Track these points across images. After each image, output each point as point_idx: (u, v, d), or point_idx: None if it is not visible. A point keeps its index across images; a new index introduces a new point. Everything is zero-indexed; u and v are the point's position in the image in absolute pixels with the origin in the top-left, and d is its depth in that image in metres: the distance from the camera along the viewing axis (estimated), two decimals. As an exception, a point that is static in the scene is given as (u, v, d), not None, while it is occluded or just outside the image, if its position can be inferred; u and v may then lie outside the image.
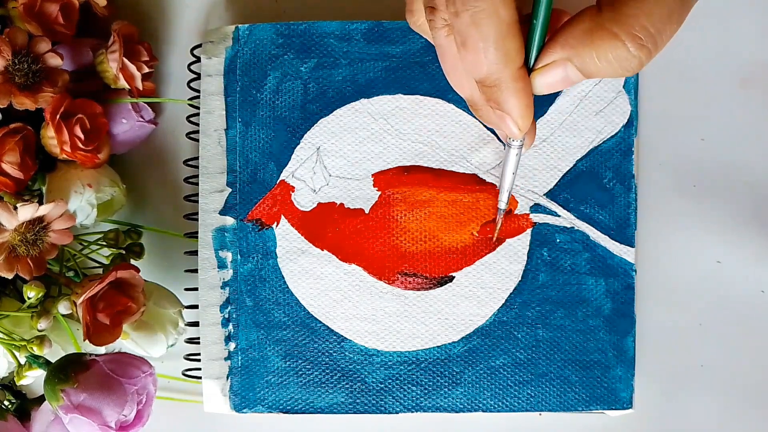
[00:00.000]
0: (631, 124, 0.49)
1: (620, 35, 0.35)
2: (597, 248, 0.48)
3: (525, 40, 0.37)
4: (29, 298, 0.46)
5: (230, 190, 0.49)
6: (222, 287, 0.49)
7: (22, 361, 0.47)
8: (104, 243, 0.50)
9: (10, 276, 0.45)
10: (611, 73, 0.36)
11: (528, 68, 0.38)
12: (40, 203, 0.46)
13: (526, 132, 0.39)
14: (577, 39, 0.36)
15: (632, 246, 0.48)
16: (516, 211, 0.49)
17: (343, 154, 0.49)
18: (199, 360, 0.50)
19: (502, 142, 0.48)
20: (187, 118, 0.51)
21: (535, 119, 0.41)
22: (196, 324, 0.50)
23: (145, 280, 0.49)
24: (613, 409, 0.48)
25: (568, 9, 0.39)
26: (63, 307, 0.47)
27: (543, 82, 0.38)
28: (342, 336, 0.49)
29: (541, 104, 0.48)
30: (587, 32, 0.36)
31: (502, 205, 0.46)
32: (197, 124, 0.50)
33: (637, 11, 0.35)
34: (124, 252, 0.51)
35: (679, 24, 0.36)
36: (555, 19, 0.38)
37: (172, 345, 0.50)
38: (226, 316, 0.49)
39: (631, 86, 0.49)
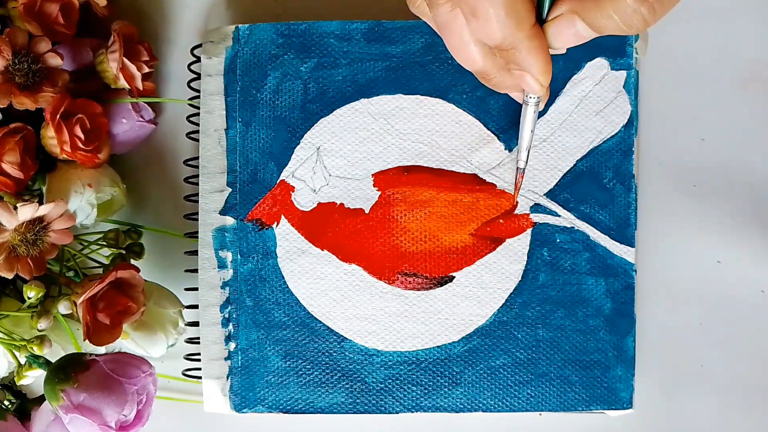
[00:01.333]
0: (631, 124, 0.49)
1: None
2: (597, 248, 0.48)
3: None
4: (29, 298, 0.46)
5: (230, 190, 0.49)
6: (222, 287, 0.49)
7: (22, 361, 0.47)
8: (104, 243, 0.50)
9: (10, 276, 0.45)
10: (616, 28, 0.36)
11: (541, 24, 0.38)
12: (40, 203, 0.46)
13: (546, 88, 0.40)
14: None
15: (632, 246, 0.48)
16: (516, 211, 0.49)
17: (343, 154, 0.49)
18: (199, 360, 0.50)
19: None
20: (187, 118, 0.51)
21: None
22: (196, 324, 0.50)
23: (145, 280, 0.49)
24: (613, 409, 0.48)
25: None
26: (63, 307, 0.47)
27: (556, 38, 0.38)
28: (342, 336, 0.49)
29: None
30: None
31: (521, 164, 0.46)
32: (197, 124, 0.50)
33: None
34: (124, 252, 0.51)
35: None
36: None
37: (172, 345, 0.50)
38: (226, 316, 0.49)
39: (631, 86, 0.49)
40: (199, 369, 0.50)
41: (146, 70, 0.50)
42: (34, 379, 0.48)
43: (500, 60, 0.39)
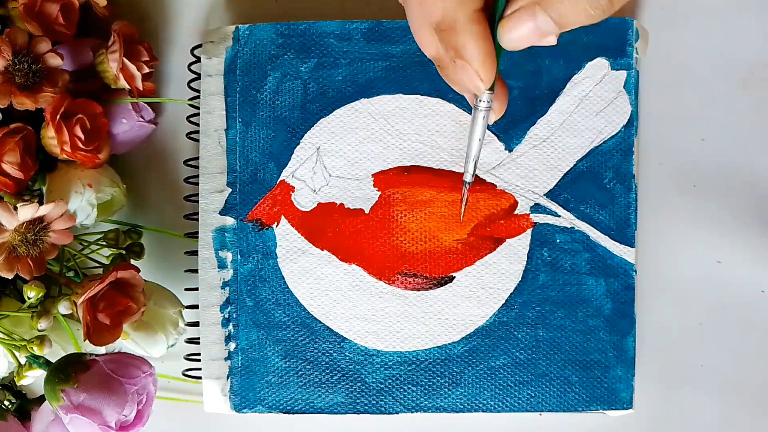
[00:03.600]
0: (631, 124, 0.49)
1: None
2: (597, 248, 0.48)
3: None
4: (29, 298, 0.46)
5: (230, 190, 0.49)
6: (222, 287, 0.49)
7: (23, 361, 0.47)
8: (104, 243, 0.50)
9: (10, 276, 0.45)
10: (581, 13, 0.34)
11: (496, 19, 0.36)
12: (40, 203, 0.46)
13: (490, 86, 0.37)
14: None
15: (632, 246, 0.48)
16: (516, 211, 0.49)
17: (343, 154, 0.49)
18: (199, 360, 0.50)
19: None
20: (187, 118, 0.51)
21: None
22: (196, 324, 0.50)
23: (145, 280, 0.49)
24: (613, 409, 0.48)
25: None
26: (63, 307, 0.47)
27: (512, 32, 0.36)
28: (342, 336, 0.49)
29: (543, 103, 0.48)
30: None
31: (468, 177, 0.44)
32: (197, 124, 0.50)
33: None
34: (124, 252, 0.51)
35: None
36: None
37: (172, 345, 0.50)
38: (226, 316, 0.49)
39: (632, 86, 0.49)
40: (199, 369, 0.50)
41: (146, 70, 0.50)
42: (34, 379, 0.48)
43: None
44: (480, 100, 0.40)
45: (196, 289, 0.50)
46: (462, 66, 0.37)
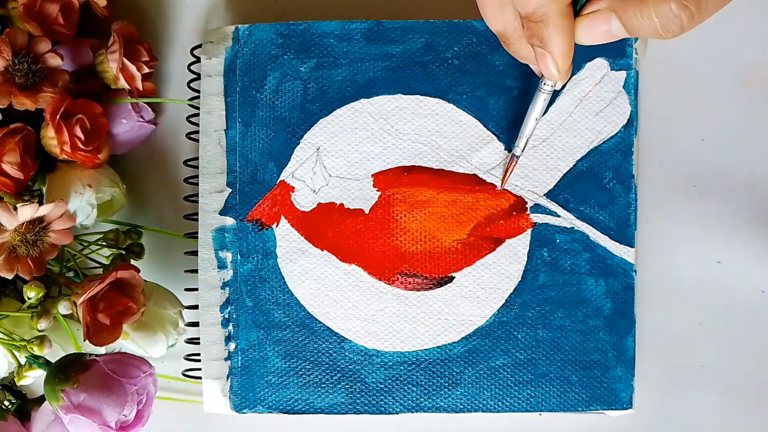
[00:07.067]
0: (631, 124, 0.49)
1: None
2: (597, 248, 0.48)
3: None
4: (29, 299, 0.46)
5: (230, 190, 0.49)
6: (222, 287, 0.49)
7: (22, 361, 0.47)
8: (104, 243, 0.50)
9: (10, 276, 0.45)
10: (652, 31, 0.36)
11: (574, 12, 0.38)
12: (40, 203, 0.46)
13: (563, 75, 0.39)
14: None
15: (632, 246, 0.48)
16: (515, 212, 0.49)
17: (343, 154, 0.49)
18: (199, 360, 0.50)
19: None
20: (187, 118, 0.51)
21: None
22: (196, 324, 0.50)
23: (145, 281, 0.49)
24: (613, 409, 0.48)
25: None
26: (63, 308, 0.47)
27: (587, 32, 0.38)
28: (342, 336, 0.49)
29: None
30: None
31: (518, 150, 0.46)
32: (197, 124, 0.50)
33: None
34: (124, 252, 0.51)
35: None
36: None
37: (172, 345, 0.50)
38: (226, 316, 0.49)
39: (631, 86, 0.48)
40: (199, 369, 0.50)
41: (146, 70, 0.50)
42: (34, 379, 0.48)
43: (522, 29, 0.39)
44: (544, 83, 0.43)
45: (196, 289, 0.50)
46: (542, 54, 0.39)
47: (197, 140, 0.50)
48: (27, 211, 0.44)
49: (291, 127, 0.49)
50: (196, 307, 0.50)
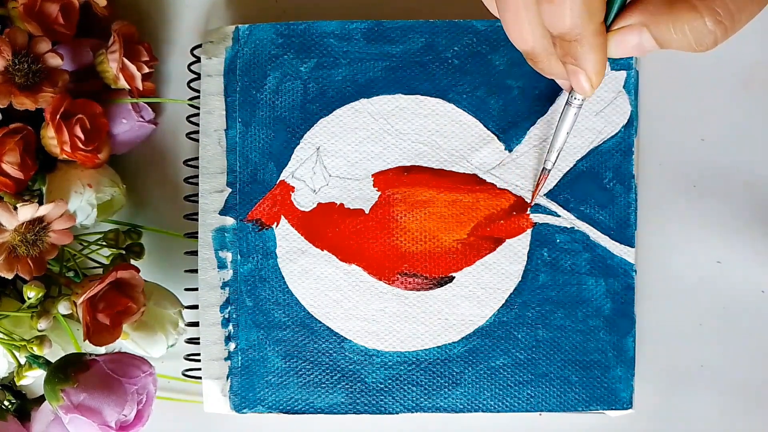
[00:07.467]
0: (631, 124, 0.49)
1: (699, 8, 0.35)
2: (597, 248, 0.48)
3: None
4: (29, 298, 0.46)
5: (230, 190, 0.49)
6: (222, 287, 0.49)
7: (22, 361, 0.47)
8: (104, 243, 0.50)
9: (10, 276, 0.45)
10: (685, 45, 0.36)
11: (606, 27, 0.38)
12: (40, 203, 0.46)
13: (595, 90, 0.39)
14: (656, 6, 0.36)
15: (632, 246, 0.48)
16: (516, 212, 0.49)
17: (343, 154, 0.49)
18: (199, 360, 0.50)
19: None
20: (187, 118, 0.51)
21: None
22: (196, 324, 0.50)
23: (145, 281, 0.49)
24: (613, 409, 0.48)
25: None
26: (63, 307, 0.47)
27: (618, 46, 0.38)
28: (342, 336, 0.49)
29: (543, 103, 0.49)
30: (667, 0, 0.36)
31: (549, 165, 0.46)
32: (197, 124, 0.50)
33: None
34: (124, 252, 0.51)
35: (760, 7, 0.35)
36: None
37: (172, 345, 0.50)
38: (226, 316, 0.49)
39: (631, 86, 0.49)
40: (199, 369, 0.50)
41: (146, 70, 0.50)
42: (34, 379, 0.48)
43: (552, 47, 0.38)
44: (574, 98, 0.43)
45: (196, 289, 0.50)
46: (574, 71, 0.38)
47: (197, 140, 0.50)
48: (27, 211, 0.44)
49: (291, 127, 0.49)
50: (196, 307, 0.50)
